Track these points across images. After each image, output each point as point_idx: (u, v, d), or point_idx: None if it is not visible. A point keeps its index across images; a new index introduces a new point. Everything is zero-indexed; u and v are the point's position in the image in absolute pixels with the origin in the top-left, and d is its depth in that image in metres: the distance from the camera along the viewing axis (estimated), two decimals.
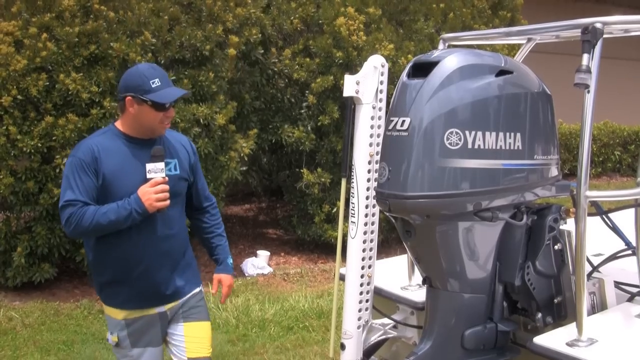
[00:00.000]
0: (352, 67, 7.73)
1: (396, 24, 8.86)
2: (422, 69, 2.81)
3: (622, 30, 3.07)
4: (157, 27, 7.04)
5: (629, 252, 3.20)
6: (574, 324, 2.75)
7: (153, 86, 3.45)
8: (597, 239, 3.20)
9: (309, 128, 8.32)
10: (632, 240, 3.17)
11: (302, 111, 8.31)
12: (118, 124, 3.60)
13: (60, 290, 7.36)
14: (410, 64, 2.90)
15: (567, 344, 2.69)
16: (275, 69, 8.12)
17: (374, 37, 8.13)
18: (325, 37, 7.98)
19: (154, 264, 3.60)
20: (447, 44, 3.46)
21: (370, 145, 3.23)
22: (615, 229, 3.27)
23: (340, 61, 7.96)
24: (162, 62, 7.06)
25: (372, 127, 3.24)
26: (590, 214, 2.99)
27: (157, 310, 3.70)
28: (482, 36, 3.57)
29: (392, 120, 2.81)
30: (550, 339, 2.76)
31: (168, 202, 3.46)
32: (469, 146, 2.69)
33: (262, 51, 7.92)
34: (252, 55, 7.80)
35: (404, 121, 2.74)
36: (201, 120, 7.04)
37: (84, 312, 6.79)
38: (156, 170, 3.45)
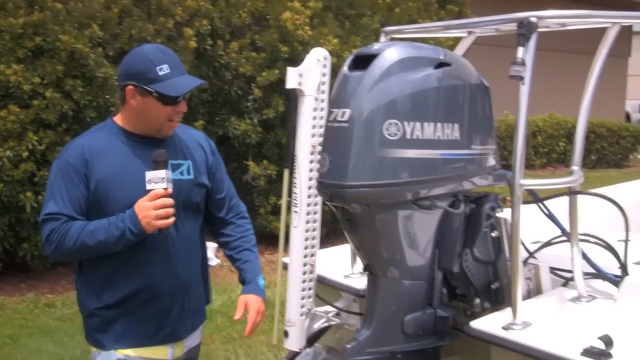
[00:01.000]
0: (298, 61, 7.73)
1: (343, 18, 8.94)
2: (363, 62, 2.87)
3: (558, 24, 3.17)
4: (107, 19, 7.01)
5: (564, 238, 3.30)
6: (510, 309, 2.85)
7: (160, 74, 2.85)
8: (535, 226, 3.30)
9: (255, 121, 8.39)
10: (567, 227, 3.28)
11: (249, 104, 8.36)
12: (117, 119, 2.99)
13: (5, 284, 7.30)
14: (351, 57, 2.96)
15: (503, 328, 2.78)
16: (222, 62, 8.14)
17: (319, 31, 8.21)
18: (272, 31, 8.04)
19: (167, 288, 3.02)
20: (389, 37, 3.53)
21: (313, 136, 3.28)
22: (551, 216, 3.37)
23: (286, 55, 8.03)
24: (111, 54, 7.03)
25: (314, 118, 3.29)
26: (526, 202, 3.11)
27: (169, 351, 3.10)
28: (424, 29, 3.65)
29: (333, 112, 2.86)
30: (487, 323, 2.85)
31: (172, 219, 2.82)
32: (408, 136, 2.76)
33: (211, 42, 7.94)
34: (201, 47, 7.81)
35: (344, 112, 2.80)
36: None
37: (29, 305, 6.74)
38: (157, 180, 2.79)
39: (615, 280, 3.09)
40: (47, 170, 6.60)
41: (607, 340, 2.50)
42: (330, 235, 8.08)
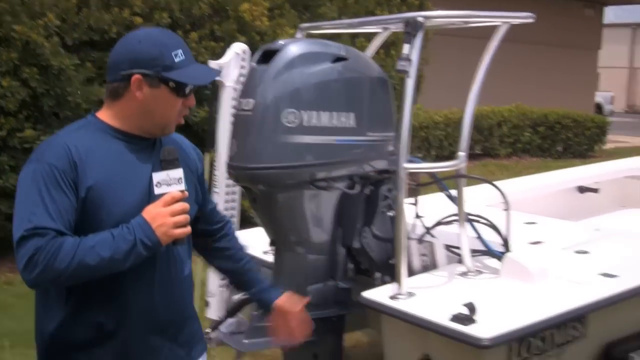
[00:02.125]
0: (255, 50, 8.05)
1: (303, 9, 9.20)
2: (269, 56, 3.18)
3: (445, 23, 3.49)
4: (64, 9, 7.23)
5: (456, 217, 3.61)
6: None
7: (177, 60, 2.34)
8: (446, 208, 3.60)
9: (214, 108, 8.61)
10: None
11: (207, 92, 8.59)
12: (103, 115, 2.38)
13: None
14: (259, 51, 3.27)
15: (390, 297, 3.10)
16: None
17: (276, 22, 8.47)
18: (230, 22, 8.28)
19: (159, 319, 2.43)
20: (304, 33, 3.83)
21: (232, 123, 3.59)
22: (450, 196, 3.65)
23: None
24: (70, 44, 7.26)
25: (233, 107, 3.59)
26: (425, 184, 3.44)
27: None
28: (339, 25, 3.96)
29: (241, 101, 3.19)
30: (376, 293, 3.17)
31: (189, 228, 2.30)
32: (305, 124, 3.08)
33: None
34: None
35: (249, 102, 3.12)
36: (104, 101, 7.25)
37: None
38: (170, 182, 2.29)
39: (501, 256, 3.41)
40: (6, 155, 6.84)
41: (471, 307, 2.82)
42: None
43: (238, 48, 3.63)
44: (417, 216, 3.61)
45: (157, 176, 2.28)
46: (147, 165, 2.35)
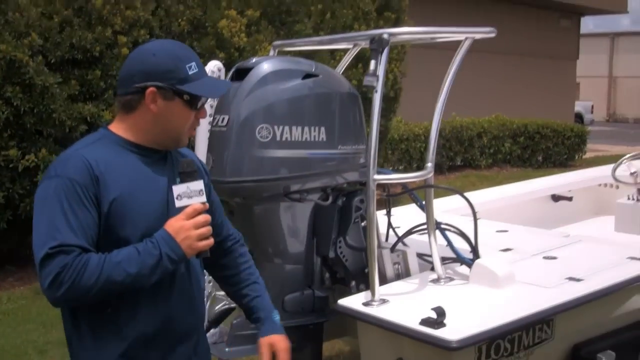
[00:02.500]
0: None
1: (280, 25, 9.34)
2: (243, 73, 3.31)
3: (410, 39, 3.62)
4: (47, 28, 7.34)
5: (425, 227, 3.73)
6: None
7: (190, 73, 2.35)
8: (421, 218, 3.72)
9: None
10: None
11: None
12: (116, 128, 2.40)
13: None
14: (233, 69, 3.39)
15: (363, 304, 3.22)
16: None
17: (254, 38, 8.61)
18: (209, 38, 8.41)
19: (180, 330, 2.47)
20: (276, 51, 3.96)
21: (209, 138, 3.70)
22: (421, 206, 3.77)
23: (223, 61, 8.37)
24: (53, 61, 7.36)
25: (210, 123, 3.70)
26: (394, 195, 3.56)
27: None
28: (310, 42, 4.09)
29: (216, 118, 3.31)
30: (351, 301, 3.29)
31: (212, 240, 2.30)
32: (278, 139, 3.20)
33: None
34: None
35: (224, 118, 3.24)
36: (88, 119, 7.37)
37: None
38: (190, 195, 2.29)
39: (470, 263, 3.54)
40: None
41: (440, 312, 2.94)
42: None
43: (213, 66, 3.76)
44: (390, 226, 3.74)
45: (177, 189, 2.29)
46: (163, 177, 2.38)
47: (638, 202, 5.47)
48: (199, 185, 2.30)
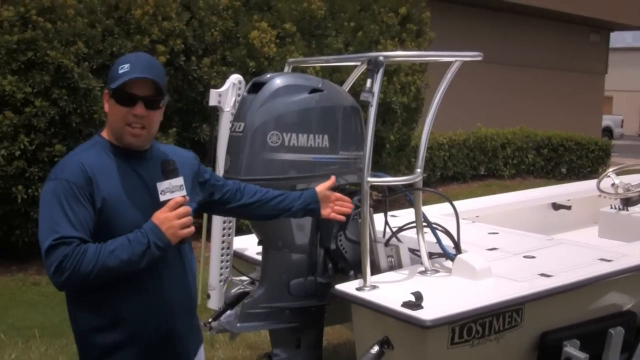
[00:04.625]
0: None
1: (310, 38, 9.86)
2: (258, 87, 3.83)
3: (403, 61, 4.11)
4: (91, 37, 7.95)
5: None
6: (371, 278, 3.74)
7: (120, 72, 2.66)
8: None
9: None
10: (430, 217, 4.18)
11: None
12: (105, 133, 2.81)
13: None
14: (250, 83, 3.93)
15: (356, 289, 3.70)
16: (196, 75, 9.04)
17: (285, 49, 9.15)
18: (241, 48, 8.95)
19: (177, 309, 2.87)
20: (291, 67, 4.48)
21: (227, 142, 4.21)
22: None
23: (254, 70, 8.91)
24: (95, 67, 7.96)
25: (229, 129, 4.22)
26: (389, 195, 4.05)
27: None
28: (319, 60, 4.60)
29: (234, 125, 3.84)
30: (346, 286, 3.77)
31: (193, 228, 2.67)
32: (286, 144, 3.72)
33: (184, 59, 8.87)
34: (175, 62, 8.75)
35: (240, 125, 3.77)
36: None
37: (18, 283, 7.64)
38: (172, 189, 2.64)
39: (453, 258, 4.01)
40: (36, 167, 7.56)
41: (418, 295, 3.42)
42: None
43: (234, 79, 4.27)
44: (387, 224, 4.23)
45: (161, 185, 2.64)
46: (148, 175, 2.73)
47: (619, 211, 5.94)
48: (179, 181, 2.66)
